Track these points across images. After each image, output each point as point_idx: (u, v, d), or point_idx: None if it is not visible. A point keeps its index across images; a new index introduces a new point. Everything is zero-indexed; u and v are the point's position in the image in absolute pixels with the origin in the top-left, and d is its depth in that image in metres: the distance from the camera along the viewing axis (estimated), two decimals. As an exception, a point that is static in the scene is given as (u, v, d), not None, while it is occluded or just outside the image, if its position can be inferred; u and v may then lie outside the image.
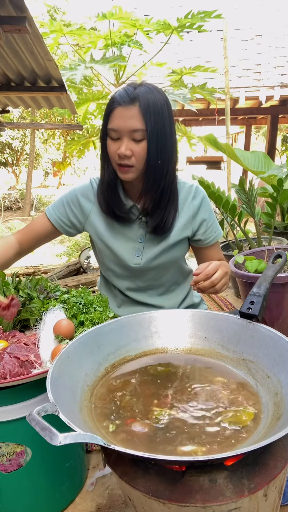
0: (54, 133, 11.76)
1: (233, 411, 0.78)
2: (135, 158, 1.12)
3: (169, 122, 1.14)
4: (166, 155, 1.15)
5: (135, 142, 1.11)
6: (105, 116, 1.15)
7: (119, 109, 1.09)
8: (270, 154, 6.82)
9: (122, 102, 1.09)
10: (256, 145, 15.55)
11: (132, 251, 1.29)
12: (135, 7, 6.08)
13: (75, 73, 2.98)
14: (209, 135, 3.21)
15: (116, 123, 1.10)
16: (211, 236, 1.33)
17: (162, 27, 3.25)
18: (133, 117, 1.08)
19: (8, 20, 1.99)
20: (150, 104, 1.09)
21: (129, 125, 1.09)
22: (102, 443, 0.59)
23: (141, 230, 1.29)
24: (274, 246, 2.35)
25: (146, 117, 1.08)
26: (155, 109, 1.09)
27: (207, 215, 1.31)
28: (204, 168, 9.92)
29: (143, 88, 1.10)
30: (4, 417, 1.02)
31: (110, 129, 1.12)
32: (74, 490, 1.25)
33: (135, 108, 1.08)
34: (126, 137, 1.10)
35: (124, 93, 1.09)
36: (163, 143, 1.13)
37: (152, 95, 1.10)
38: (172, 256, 1.32)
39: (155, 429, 0.74)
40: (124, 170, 1.15)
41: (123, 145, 1.11)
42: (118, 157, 1.13)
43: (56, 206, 1.32)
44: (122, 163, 1.13)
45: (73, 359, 0.86)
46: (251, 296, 0.94)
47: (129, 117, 1.08)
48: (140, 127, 1.09)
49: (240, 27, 6.25)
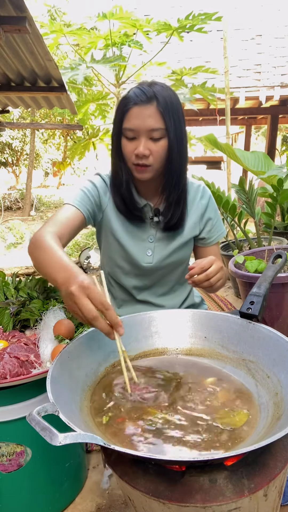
0: (54, 133, 11.76)
1: (230, 412, 0.78)
2: (153, 157, 1.12)
3: (183, 120, 1.15)
4: (184, 153, 1.17)
5: (153, 141, 1.10)
6: (119, 116, 1.13)
7: (135, 109, 1.08)
8: (270, 154, 6.82)
9: (139, 101, 1.07)
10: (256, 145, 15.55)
11: (143, 250, 1.30)
12: (135, 7, 6.08)
13: (77, 73, 2.99)
14: (209, 135, 3.21)
15: (134, 122, 1.08)
16: (215, 235, 1.35)
17: (162, 27, 3.25)
18: (151, 116, 1.07)
19: (8, 20, 1.98)
20: (168, 103, 1.08)
21: (148, 124, 1.08)
22: (102, 443, 0.59)
23: (152, 230, 1.30)
24: (274, 246, 2.35)
25: (166, 115, 1.08)
26: (173, 107, 1.10)
27: (213, 214, 1.34)
28: (204, 168, 9.92)
29: (158, 87, 1.10)
30: (4, 417, 1.02)
31: (126, 128, 1.11)
32: (74, 490, 1.25)
33: (153, 107, 1.07)
34: (144, 136, 1.09)
35: (140, 92, 1.08)
36: (181, 141, 1.14)
37: (168, 93, 1.10)
38: (182, 255, 1.34)
39: (150, 429, 0.74)
40: (142, 170, 1.14)
41: (141, 144, 1.09)
42: (135, 157, 1.12)
43: (81, 197, 1.24)
44: (140, 163, 1.12)
45: (73, 359, 0.86)
46: (251, 296, 0.94)
47: (147, 116, 1.07)
48: (159, 126, 1.08)
49: (240, 27, 6.25)
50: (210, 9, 3.10)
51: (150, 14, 5.22)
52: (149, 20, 3.25)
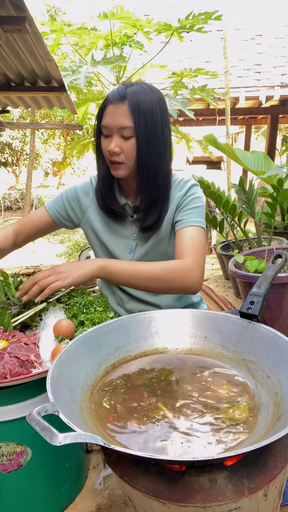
0: (54, 133, 11.76)
1: (231, 410, 0.78)
2: (124, 155, 1.15)
3: (161, 120, 1.15)
4: (157, 153, 1.17)
5: (124, 139, 1.14)
6: (98, 114, 1.18)
7: (110, 107, 1.13)
8: (270, 154, 6.82)
9: (113, 100, 1.12)
10: (256, 145, 15.55)
11: (125, 248, 1.32)
12: (135, 7, 6.08)
13: (78, 76, 2.99)
14: (209, 135, 3.21)
15: (107, 120, 1.14)
16: (187, 218, 1.23)
17: (162, 27, 3.25)
18: (122, 114, 1.11)
19: (8, 20, 1.99)
20: (140, 102, 1.11)
21: (118, 122, 1.12)
22: (102, 443, 0.59)
23: (135, 227, 1.31)
24: (274, 246, 2.35)
25: (135, 114, 1.11)
26: (145, 107, 1.12)
27: (188, 201, 1.26)
28: (204, 168, 9.92)
29: (134, 87, 1.13)
30: (4, 417, 1.02)
31: (102, 126, 1.16)
32: (74, 490, 1.25)
33: (124, 106, 1.11)
34: (116, 134, 1.14)
35: (115, 92, 1.13)
36: (153, 141, 1.15)
37: (143, 93, 1.13)
38: (163, 251, 1.32)
39: (150, 428, 0.74)
40: (115, 167, 1.18)
41: (113, 142, 1.14)
42: (108, 154, 1.16)
43: (56, 200, 1.37)
44: (112, 159, 1.17)
45: (73, 359, 0.86)
46: (251, 296, 0.94)
47: (118, 114, 1.12)
48: (128, 124, 1.11)
49: (240, 27, 6.25)
50: (210, 9, 3.10)
51: (150, 14, 5.22)
52: (149, 20, 3.25)
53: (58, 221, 1.38)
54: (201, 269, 1.17)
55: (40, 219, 1.38)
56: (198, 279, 1.16)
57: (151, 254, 1.31)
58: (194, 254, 1.17)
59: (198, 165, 9.89)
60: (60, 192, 1.39)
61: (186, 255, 1.17)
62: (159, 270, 1.14)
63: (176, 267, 1.15)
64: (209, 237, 5.40)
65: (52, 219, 1.37)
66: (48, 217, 1.37)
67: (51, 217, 1.36)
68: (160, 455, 0.66)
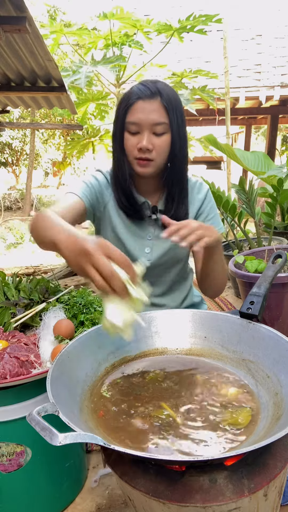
0: (54, 133, 11.75)
1: (231, 412, 0.78)
2: (155, 152, 1.13)
3: (184, 119, 1.17)
4: (185, 150, 1.19)
5: (156, 135, 1.12)
6: (122, 110, 1.14)
7: (140, 103, 1.09)
8: (270, 154, 6.82)
9: (144, 95, 1.09)
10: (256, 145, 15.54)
11: (142, 247, 1.31)
12: (135, 7, 6.08)
13: (79, 76, 2.99)
14: (209, 135, 3.21)
15: (138, 116, 1.10)
16: None
17: (162, 28, 3.25)
18: (156, 110, 1.09)
19: (8, 20, 1.99)
20: (172, 99, 1.11)
21: (152, 118, 1.09)
22: (102, 443, 0.59)
23: (150, 227, 1.30)
24: (274, 246, 2.35)
25: (170, 110, 1.10)
26: (176, 104, 1.12)
27: (208, 208, 1.33)
28: (204, 168, 9.92)
29: (161, 84, 1.13)
30: (4, 417, 1.02)
31: (129, 122, 1.12)
32: (74, 490, 1.25)
33: (157, 102, 1.09)
34: (147, 130, 1.11)
35: (144, 88, 1.10)
36: (183, 138, 1.16)
37: (171, 90, 1.13)
38: (179, 252, 1.33)
39: (149, 427, 0.74)
40: (144, 164, 1.14)
41: (145, 138, 1.10)
42: (138, 151, 1.13)
43: (84, 189, 1.23)
44: (143, 156, 1.13)
45: (73, 359, 0.86)
46: (251, 296, 0.94)
47: (151, 110, 1.09)
48: (163, 120, 1.10)
49: (240, 27, 6.25)
50: (210, 9, 3.11)
51: (150, 14, 5.22)
52: (149, 20, 3.25)
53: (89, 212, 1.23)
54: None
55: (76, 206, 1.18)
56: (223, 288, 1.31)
57: (168, 255, 1.31)
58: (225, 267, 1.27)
59: (198, 165, 9.89)
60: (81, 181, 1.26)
61: None
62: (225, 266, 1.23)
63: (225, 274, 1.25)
64: (209, 237, 5.39)
65: (86, 208, 1.21)
66: (84, 205, 1.20)
67: (86, 206, 1.21)
68: (160, 455, 0.66)
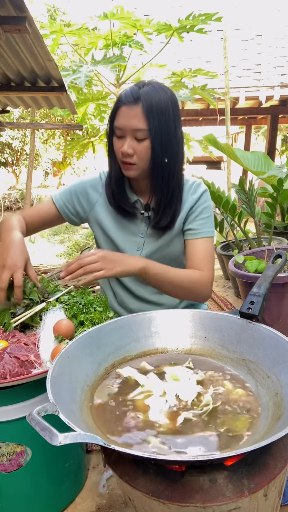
0: (54, 133, 11.75)
1: (231, 416, 0.78)
2: (137, 156, 1.15)
3: (173, 121, 1.16)
4: (171, 154, 1.18)
5: (138, 141, 1.14)
6: (111, 114, 1.18)
7: (123, 108, 1.13)
8: (270, 154, 6.82)
9: (126, 101, 1.12)
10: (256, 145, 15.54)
11: (133, 245, 1.32)
12: (135, 7, 6.08)
13: (79, 75, 2.99)
14: (209, 135, 3.21)
15: (120, 121, 1.14)
16: (203, 228, 1.28)
17: (162, 28, 3.25)
18: (136, 117, 1.11)
19: (8, 20, 1.99)
20: (154, 104, 1.11)
21: (132, 125, 1.12)
22: (102, 443, 0.59)
23: (143, 225, 1.31)
24: (274, 246, 2.35)
25: (149, 117, 1.11)
26: (159, 109, 1.12)
27: (201, 209, 1.29)
28: (204, 168, 9.92)
29: (147, 88, 1.13)
30: (4, 417, 1.02)
31: (115, 127, 1.16)
32: (74, 490, 1.25)
33: (138, 108, 1.10)
34: (129, 135, 1.14)
35: (129, 93, 1.13)
36: (167, 142, 1.15)
37: (157, 94, 1.12)
38: (171, 252, 1.33)
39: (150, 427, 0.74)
40: (127, 167, 1.19)
41: (126, 143, 1.14)
42: (121, 154, 1.16)
43: (64, 193, 1.35)
44: (125, 160, 1.17)
45: (73, 359, 0.86)
46: (251, 296, 0.94)
47: (132, 116, 1.11)
48: (142, 127, 1.11)
49: (240, 27, 6.24)
50: (210, 9, 3.10)
51: (150, 14, 5.22)
52: (149, 20, 3.25)
53: (65, 215, 1.36)
54: (212, 283, 1.26)
55: (47, 211, 1.36)
56: (210, 292, 1.27)
57: (160, 253, 1.32)
58: (210, 269, 1.26)
59: (198, 165, 9.89)
60: (68, 185, 1.38)
61: (203, 268, 1.24)
62: (185, 280, 1.20)
63: (198, 280, 1.22)
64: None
65: (59, 212, 1.35)
66: (55, 210, 1.35)
67: (58, 211, 1.34)
68: (160, 455, 0.66)
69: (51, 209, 1.35)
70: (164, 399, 0.82)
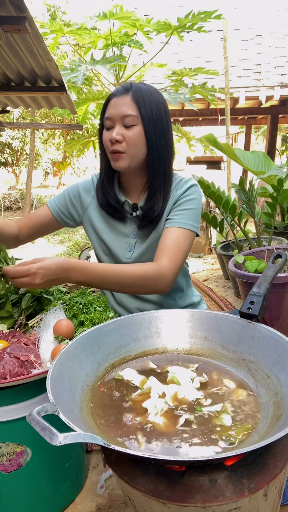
0: (54, 133, 11.76)
1: (232, 427, 0.78)
2: (126, 143, 1.17)
3: (165, 119, 1.20)
4: (166, 144, 1.21)
5: (126, 128, 1.16)
6: (102, 109, 1.22)
7: (113, 99, 1.18)
8: (270, 154, 6.82)
9: (117, 92, 1.17)
10: (256, 145, 15.54)
11: (124, 246, 1.34)
12: (135, 7, 6.08)
13: (76, 74, 2.99)
14: (209, 135, 3.21)
15: (110, 111, 1.18)
16: (175, 219, 1.23)
17: (162, 27, 3.25)
18: (125, 104, 1.15)
19: (8, 20, 1.99)
20: (144, 93, 1.16)
21: (120, 111, 1.15)
22: (102, 443, 0.59)
23: (134, 225, 1.33)
24: (274, 246, 2.35)
25: (139, 103, 1.15)
26: (149, 97, 1.16)
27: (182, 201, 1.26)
28: (204, 168, 9.92)
29: (140, 84, 1.19)
30: (4, 417, 1.02)
31: (105, 118, 1.19)
32: (74, 490, 1.25)
33: (128, 96, 1.15)
34: (118, 123, 1.17)
35: (120, 87, 1.19)
36: (160, 129, 1.19)
37: (147, 88, 1.18)
38: None
39: (150, 427, 0.74)
40: (116, 157, 1.19)
41: (115, 130, 1.16)
42: (110, 144, 1.18)
43: (58, 197, 1.39)
44: (113, 148, 1.18)
45: (73, 359, 0.86)
46: (251, 296, 0.94)
47: (121, 104, 1.15)
48: (131, 112, 1.15)
49: (240, 27, 6.24)
50: (210, 9, 3.09)
51: (150, 14, 5.21)
52: (149, 20, 3.25)
53: (59, 218, 1.38)
54: (174, 274, 1.18)
55: (42, 216, 1.38)
56: (169, 284, 1.18)
57: (150, 252, 1.32)
58: (171, 259, 1.17)
59: (198, 165, 9.89)
60: (62, 190, 1.41)
61: (163, 258, 1.17)
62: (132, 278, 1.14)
63: (150, 275, 1.14)
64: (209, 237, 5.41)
65: (54, 216, 1.37)
66: (50, 214, 1.37)
67: (53, 214, 1.37)
68: (160, 455, 0.66)
69: (46, 214, 1.38)
70: (164, 400, 0.82)
